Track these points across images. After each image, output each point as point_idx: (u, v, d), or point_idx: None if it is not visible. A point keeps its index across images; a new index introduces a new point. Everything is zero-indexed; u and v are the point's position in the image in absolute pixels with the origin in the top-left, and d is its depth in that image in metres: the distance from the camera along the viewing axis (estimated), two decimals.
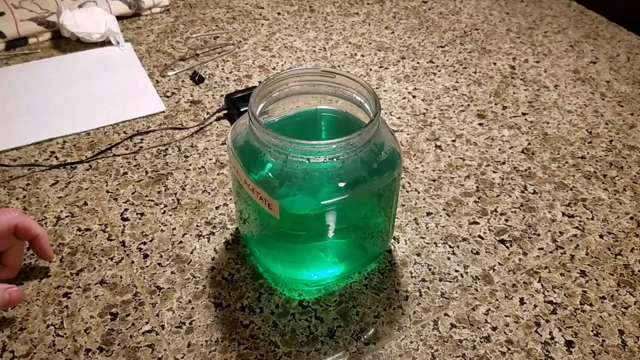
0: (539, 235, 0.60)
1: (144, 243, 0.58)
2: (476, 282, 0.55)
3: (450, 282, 0.55)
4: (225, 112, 0.75)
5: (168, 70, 0.84)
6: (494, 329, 0.51)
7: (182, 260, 0.56)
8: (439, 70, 0.85)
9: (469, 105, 0.79)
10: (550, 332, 0.51)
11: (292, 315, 0.52)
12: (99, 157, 0.68)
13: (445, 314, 0.52)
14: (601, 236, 0.60)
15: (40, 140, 0.70)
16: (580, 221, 0.62)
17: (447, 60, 0.88)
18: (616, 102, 0.80)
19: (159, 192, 0.64)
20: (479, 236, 0.60)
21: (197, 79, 0.81)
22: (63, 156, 0.68)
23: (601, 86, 0.83)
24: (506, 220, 0.62)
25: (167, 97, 0.78)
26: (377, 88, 0.81)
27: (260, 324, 0.51)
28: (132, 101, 0.77)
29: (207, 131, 0.72)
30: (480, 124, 0.75)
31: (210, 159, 0.68)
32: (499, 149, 0.71)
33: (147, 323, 0.51)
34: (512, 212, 0.63)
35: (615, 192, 0.66)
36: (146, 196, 0.63)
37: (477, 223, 0.61)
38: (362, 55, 0.88)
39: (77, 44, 0.89)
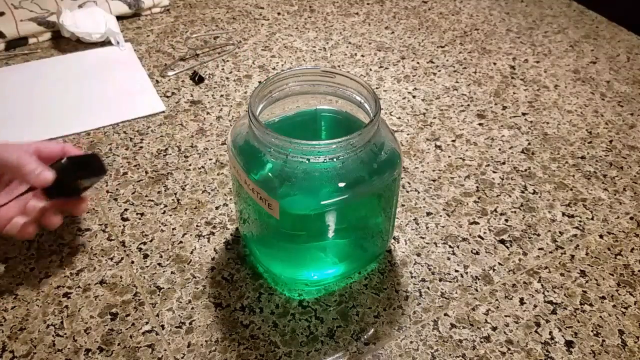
0: (539, 235, 0.60)
1: (144, 243, 0.58)
2: (476, 282, 0.55)
3: (450, 282, 0.55)
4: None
5: (168, 70, 0.84)
6: (494, 329, 0.51)
7: (182, 260, 0.56)
8: (439, 70, 0.85)
9: (469, 105, 0.79)
10: (550, 332, 0.51)
11: (292, 315, 0.52)
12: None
13: (445, 314, 0.52)
14: (601, 236, 0.60)
15: (40, 140, 0.70)
16: (580, 221, 0.62)
17: (447, 60, 0.88)
18: (616, 102, 0.80)
19: (159, 192, 0.64)
20: (479, 236, 0.60)
21: (197, 79, 0.81)
22: None
23: (601, 86, 0.83)
24: (506, 220, 0.62)
25: (167, 97, 0.78)
26: (377, 88, 0.81)
27: (260, 324, 0.51)
28: (132, 101, 0.77)
29: (207, 131, 0.72)
30: (480, 124, 0.75)
31: (210, 159, 0.68)
32: (499, 149, 0.71)
33: (147, 323, 0.51)
34: (512, 212, 0.63)
35: (615, 192, 0.66)
36: (146, 196, 0.63)
37: (477, 223, 0.61)
38: (362, 55, 0.88)
39: (77, 44, 0.89)
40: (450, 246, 0.59)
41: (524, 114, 0.77)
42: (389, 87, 0.82)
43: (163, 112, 0.76)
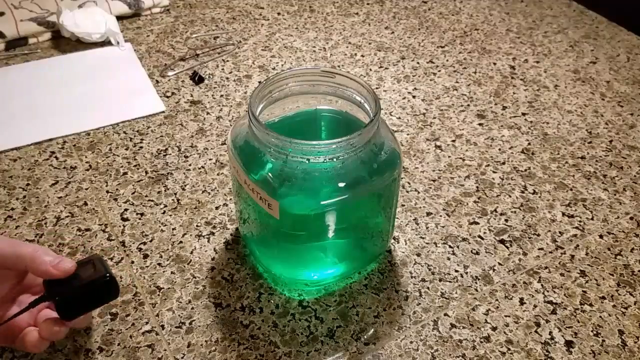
0: (539, 235, 0.60)
1: (144, 243, 0.58)
2: (476, 282, 0.55)
3: (450, 282, 0.55)
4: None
5: (168, 70, 0.84)
6: (494, 329, 0.51)
7: (182, 260, 0.56)
8: (439, 70, 0.85)
9: (469, 105, 0.79)
10: (550, 332, 0.51)
11: (292, 315, 0.52)
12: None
13: (445, 314, 0.52)
14: (601, 236, 0.60)
15: (40, 140, 0.70)
16: (580, 221, 0.62)
17: (447, 60, 0.88)
18: (616, 102, 0.80)
19: (159, 192, 0.64)
20: (479, 236, 0.60)
21: (197, 79, 0.81)
22: (63, 156, 0.68)
23: (601, 86, 0.83)
24: (506, 220, 0.62)
25: (167, 97, 0.78)
26: (377, 88, 0.81)
27: (260, 324, 0.51)
28: (132, 101, 0.77)
29: (207, 131, 0.72)
30: (480, 124, 0.75)
31: (210, 159, 0.68)
32: (499, 149, 0.71)
33: (147, 323, 0.51)
34: (512, 212, 0.63)
35: (615, 192, 0.66)
36: (146, 196, 0.63)
37: (477, 223, 0.61)
38: (362, 56, 0.88)
39: (77, 44, 0.89)
40: (450, 246, 0.59)
41: (524, 114, 0.77)
42: (389, 87, 0.82)
43: (163, 112, 0.76)
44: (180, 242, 0.58)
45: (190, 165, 0.68)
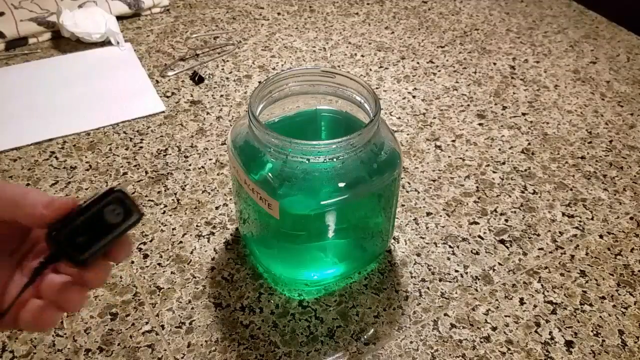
0: (539, 235, 0.60)
1: (144, 243, 0.58)
2: (476, 282, 0.55)
3: (450, 282, 0.55)
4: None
5: (168, 70, 0.84)
6: (494, 329, 0.51)
7: (182, 260, 0.56)
8: (439, 70, 0.85)
9: (469, 105, 0.79)
10: (550, 332, 0.51)
11: (292, 315, 0.52)
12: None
13: (445, 314, 0.52)
14: (601, 236, 0.60)
15: (40, 140, 0.70)
16: (580, 221, 0.62)
17: (447, 60, 0.88)
18: (616, 102, 0.80)
19: (159, 192, 0.64)
20: (479, 236, 0.60)
21: (197, 79, 0.81)
22: (63, 156, 0.68)
23: (601, 86, 0.83)
24: (506, 220, 0.62)
25: (167, 97, 0.78)
26: (377, 88, 0.81)
27: (260, 324, 0.51)
28: (132, 101, 0.77)
29: (207, 131, 0.72)
30: (480, 124, 0.75)
31: (210, 159, 0.68)
32: (499, 149, 0.71)
33: (147, 323, 0.51)
34: (512, 212, 0.63)
35: (615, 192, 0.66)
36: (146, 196, 0.63)
37: (477, 223, 0.61)
38: (362, 56, 0.88)
39: (77, 44, 0.89)
40: (450, 246, 0.59)
41: (524, 114, 0.77)
42: (389, 87, 0.82)
43: (163, 112, 0.76)
44: (180, 242, 0.58)
45: (190, 165, 0.68)
